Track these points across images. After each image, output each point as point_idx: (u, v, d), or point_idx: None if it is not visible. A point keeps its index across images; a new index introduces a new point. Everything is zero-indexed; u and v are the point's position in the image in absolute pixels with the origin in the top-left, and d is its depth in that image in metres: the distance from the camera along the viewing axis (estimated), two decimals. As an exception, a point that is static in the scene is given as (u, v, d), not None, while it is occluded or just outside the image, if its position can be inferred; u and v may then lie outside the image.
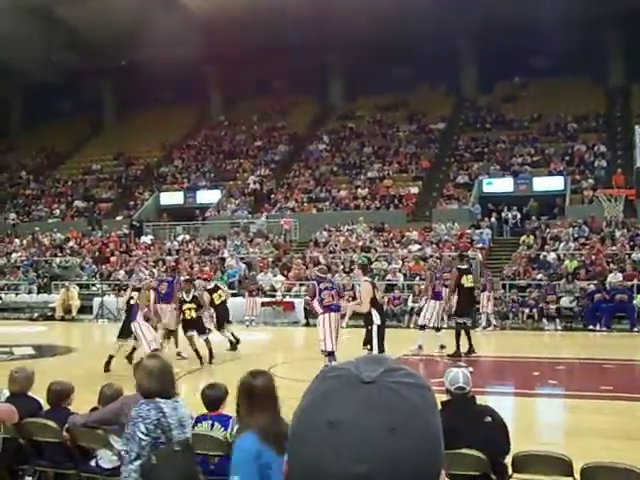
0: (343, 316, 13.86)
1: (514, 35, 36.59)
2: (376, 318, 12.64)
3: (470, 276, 16.72)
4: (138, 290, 14.84)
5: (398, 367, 1.07)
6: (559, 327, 22.91)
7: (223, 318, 17.92)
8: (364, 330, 13.06)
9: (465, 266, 17.24)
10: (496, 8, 35.23)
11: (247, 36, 38.34)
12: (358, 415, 0.99)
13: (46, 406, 6.75)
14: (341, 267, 28.15)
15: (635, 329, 21.82)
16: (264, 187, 38.45)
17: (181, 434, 4.83)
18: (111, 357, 14.48)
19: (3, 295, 31.41)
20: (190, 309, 16.20)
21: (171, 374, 5.01)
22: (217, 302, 17.69)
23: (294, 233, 33.51)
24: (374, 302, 12.92)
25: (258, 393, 4.43)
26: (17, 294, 31.66)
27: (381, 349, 12.43)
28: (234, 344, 17.72)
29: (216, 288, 18.47)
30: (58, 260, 33.91)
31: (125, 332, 14.66)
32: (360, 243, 30.46)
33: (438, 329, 16.90)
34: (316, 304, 13.09)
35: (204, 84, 47.05)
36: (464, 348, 15.93)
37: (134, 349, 14.52)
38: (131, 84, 46.29)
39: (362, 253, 29.29)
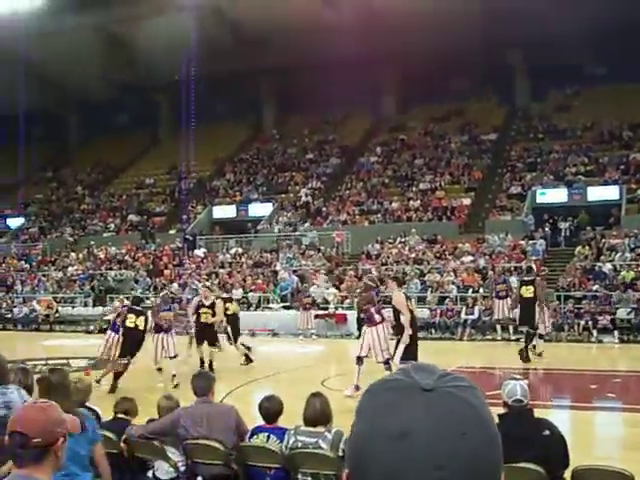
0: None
1: (566, 43, 36.20)
2: (408, 330, 12.36)
3: (530, 287, 16.87)
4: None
5: (447, 372, 1.08)
6: (616, 339, 22.54)
7: (235, 331, 18.20)
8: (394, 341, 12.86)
9: (527, 278, 17.47)
10: (548, 17, 34.92)
11: (298, 49, 38.53)
12: (427, 423, 1.00)
13: (104, 417, 6.85)
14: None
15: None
16: (316, 200, 38.54)
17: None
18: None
19: (60, 308, 31.92)
20: (206, 314, 16.59)
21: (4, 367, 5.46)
22: (229, 313, 17.95)
23: (346, 245, 33.51)
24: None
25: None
26: (73, 307, 32.21)
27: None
28: (249, 358, 17.70)
29: (230, 299, 19.04)
30: (113, 273, 34.40)
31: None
32: (412, 255, 30.34)
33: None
34: (374, 312, 12.98)
35: (256, 98, 47.44)
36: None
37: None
38: (185, 99, 46.81)
39: (414, 265, 29.20)
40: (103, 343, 15.43)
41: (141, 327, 14.89)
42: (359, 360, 12.83)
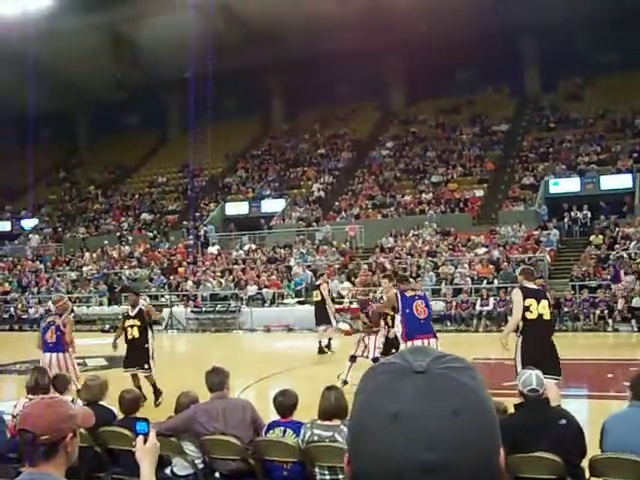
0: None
1: (577, 32, 36.03)
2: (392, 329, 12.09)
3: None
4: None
5: (443, 354, 1.09)
6: (635, 328, 22.44)
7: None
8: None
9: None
10: (557, 5, 34.74)
11: (306, 43, 38.50)
12: (419, 405, 1.01)
13: (119, 415, 6.86)
14: (407, 272, 28.07)
15: None
16: (328, 194, 38.53)
17: None
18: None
19: (75, 308, 32.02)
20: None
21: None
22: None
23: (360, 239, 33.49)
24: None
25: None
26: (88, 306, 32.33)
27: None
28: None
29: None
30: (127, 272, 34.50)
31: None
32: (426, 248, 30.29)
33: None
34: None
35: (266, 94, 47.44)
36: None
37: None
38: (194, 97, 46.85)
39: (428, 258, 29.16)
40: None
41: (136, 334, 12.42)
42: (352, 358, 12.89)
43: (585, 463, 5.53)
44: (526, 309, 9.57)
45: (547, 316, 9.68)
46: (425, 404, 1.01)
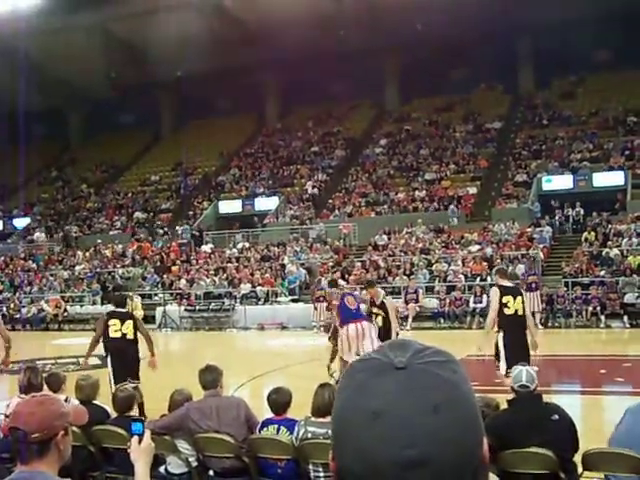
0: None
1: (570, 31, 36.09)
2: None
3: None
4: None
5: (424, 347, 1.09)
6: (627, 324, 22.54)
7: None
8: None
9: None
10: (552, 4, 34.81)
11: (300, 42, 38.45)
12: (399, 401, 1.01)
13: (113, 414, 6.86)
14: (401, 270, 28.12)
15: None
16: (322, 192, 38.52)
17: None
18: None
19: (68, 307, 31.98)
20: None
21: None
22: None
23: (353, 237, 33.49)
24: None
25: None
26: (81, 305, 32.28)
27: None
28: None
29: None
30: (120, 271, 34.43)
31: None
32: (420, 245, 30.31)
33: None
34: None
35: (259, 92, 47.38)
36: None
37: None
38: (187, 95, 46.88)
39: (422, 255, 29.18)
40: None
41: (130, 335, 10.58)
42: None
43: (578, 458, 5.56)
44: (504, 305, 10.22)
45: (521, 312, 10.34)
46: (406, 400, 1.01)
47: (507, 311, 10.21)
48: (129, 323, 10.65)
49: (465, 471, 1.02)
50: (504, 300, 10.22)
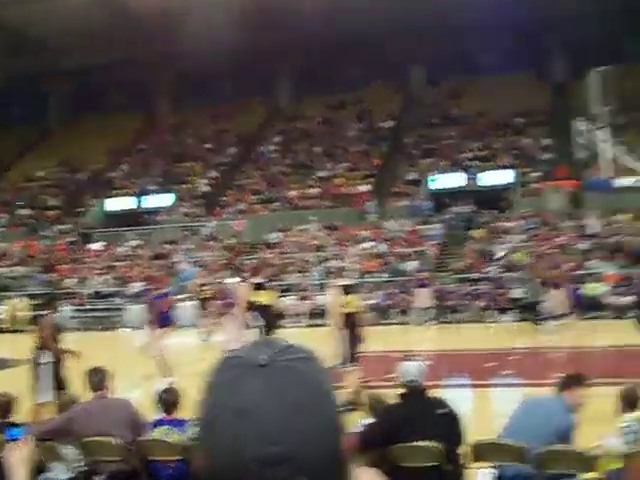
0: None
1: (461, 34, 36.95)
2: (253, 321, 13.52)
3: None
4: None
5: (289, 345, 1.09)
6: (514, 318, 23.15)
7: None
8: None
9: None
10: (447, 7, 35.54)
11: (192, 39, 38.00)
12: (261, 400, 1.01)
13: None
14: (293, 267, 28.21)
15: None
16: (215, 190, 38.20)
17: None
18: None
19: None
20: None
21: None
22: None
23: (246, 235, 33.33)
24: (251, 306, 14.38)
25: None
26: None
27: None
28: None
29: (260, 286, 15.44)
30: (5, 270, 33.27)
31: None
32: (314, 242, 30.42)
33: None
34: None
35: (151, 88, 46.62)
36: None
37: None
38: (77, 89, 45.74)
39: (317, 253, 29.31)
40: None
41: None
42: None
43: (467, 448, 5.67)
44: (347, 304, 11.38)
45: (359, 309, 11.76)
46: (267, 399, 1.01)
47: (348, 309, 11.37)
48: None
49: (327, 467, 1.03)
50: (348, 299, 11.46)
